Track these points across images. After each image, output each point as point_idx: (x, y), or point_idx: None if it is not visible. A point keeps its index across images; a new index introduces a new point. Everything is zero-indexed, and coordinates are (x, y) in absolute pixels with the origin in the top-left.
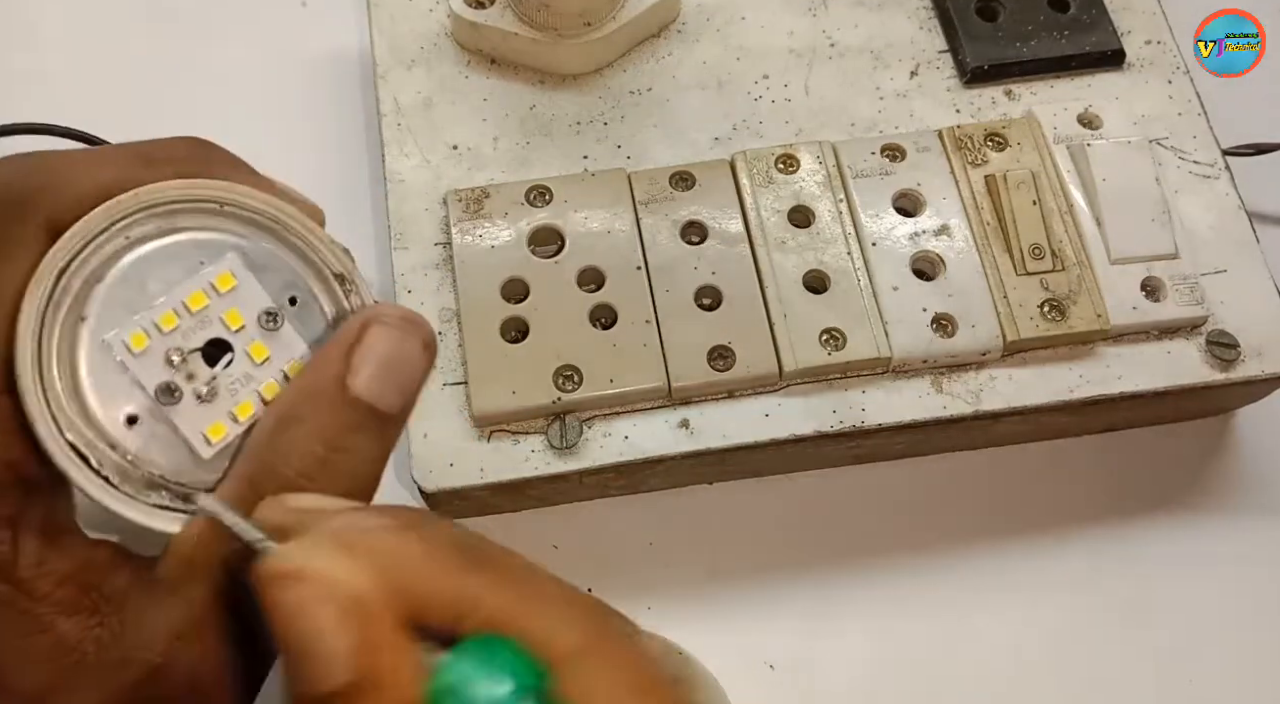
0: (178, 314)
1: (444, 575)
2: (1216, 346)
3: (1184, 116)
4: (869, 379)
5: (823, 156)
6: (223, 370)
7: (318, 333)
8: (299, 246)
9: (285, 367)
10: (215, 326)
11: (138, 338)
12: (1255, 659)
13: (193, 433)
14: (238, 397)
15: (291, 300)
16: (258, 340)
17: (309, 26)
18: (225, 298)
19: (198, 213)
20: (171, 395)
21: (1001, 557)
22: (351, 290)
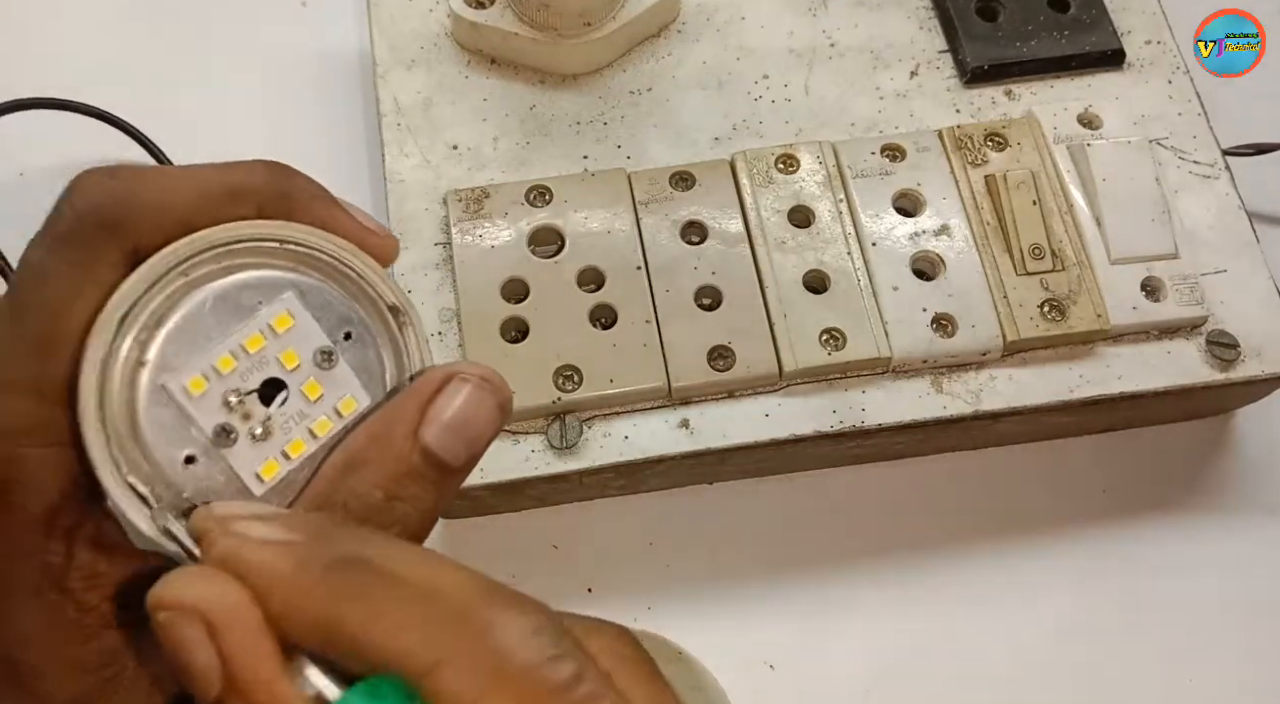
0: (235, 357)
1: (304, 596)
2: (1216, 346)
3: (1184, 116)
4: (869, 379)
5: (823, 156)
6: (277, 410)
7: (373, 368)
8: (354, 280)
9: (338, 403)
10: (271, 367)
11: (196, 382)
12: (1255, 659)
13: (247, 472)
14: (290, 435)
15: (346, 335)
16: (312, 379)
17: (309, 26)
18: (282, 338)
19: (257, 251)
20: (228, 437)
21: (1001, 557)
22: (405, 323)
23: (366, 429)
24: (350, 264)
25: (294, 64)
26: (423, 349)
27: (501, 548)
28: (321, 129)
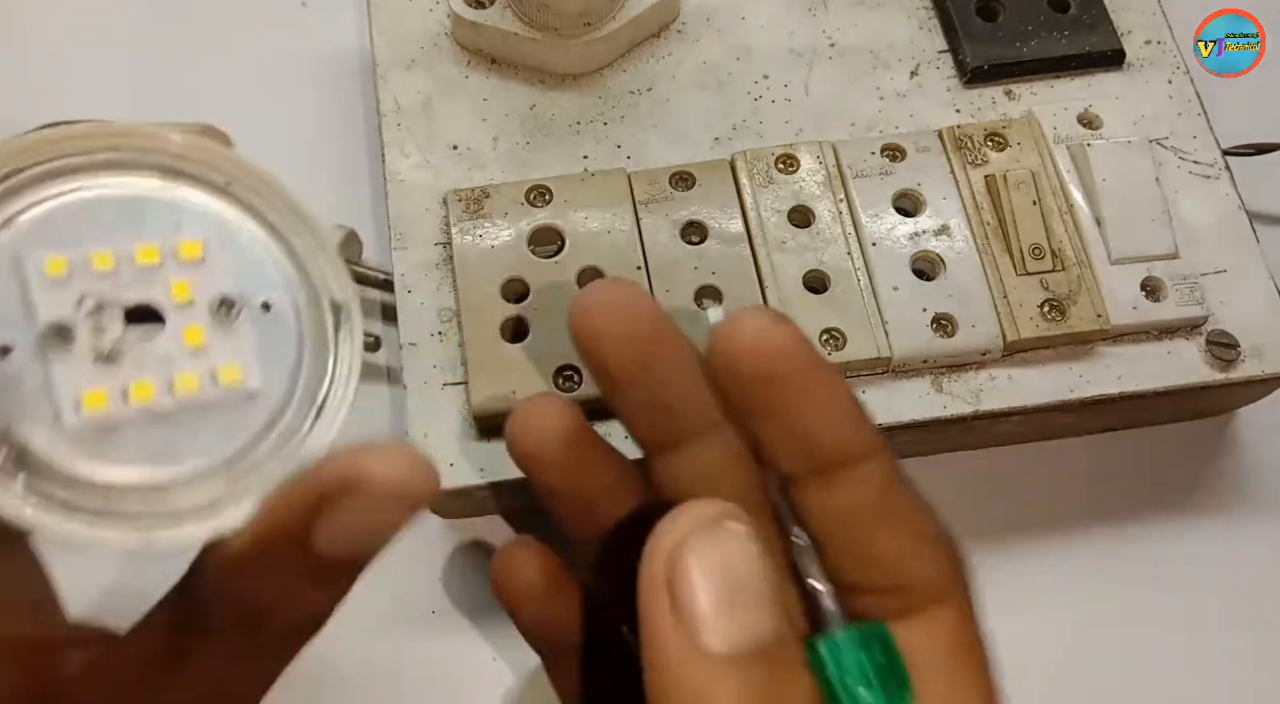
0: (117, 260)
1: None
2: (1216, 346)
3: (1184, 116)
4: (869, 379)
5: (823, 156)
6: (140, 337)
7: (282, 354)
8: (302, 256)
9: (218, 366)
10: (156, 291)
11: (56, 264)
12: (1255, 659)
13: (66, 389)
14: (142, 373)
15: (265, 305)
16: (200, 326)
17: (309, 26)
18: (184, 267)
19: (201, 182)
20: (63, 337)
21: (1001, 556)
22: (343, 325)
23: (251, 532)
24: (305, 240)
25: (294, 64)
26: (353, 362)
27: None
28: (321, 129)
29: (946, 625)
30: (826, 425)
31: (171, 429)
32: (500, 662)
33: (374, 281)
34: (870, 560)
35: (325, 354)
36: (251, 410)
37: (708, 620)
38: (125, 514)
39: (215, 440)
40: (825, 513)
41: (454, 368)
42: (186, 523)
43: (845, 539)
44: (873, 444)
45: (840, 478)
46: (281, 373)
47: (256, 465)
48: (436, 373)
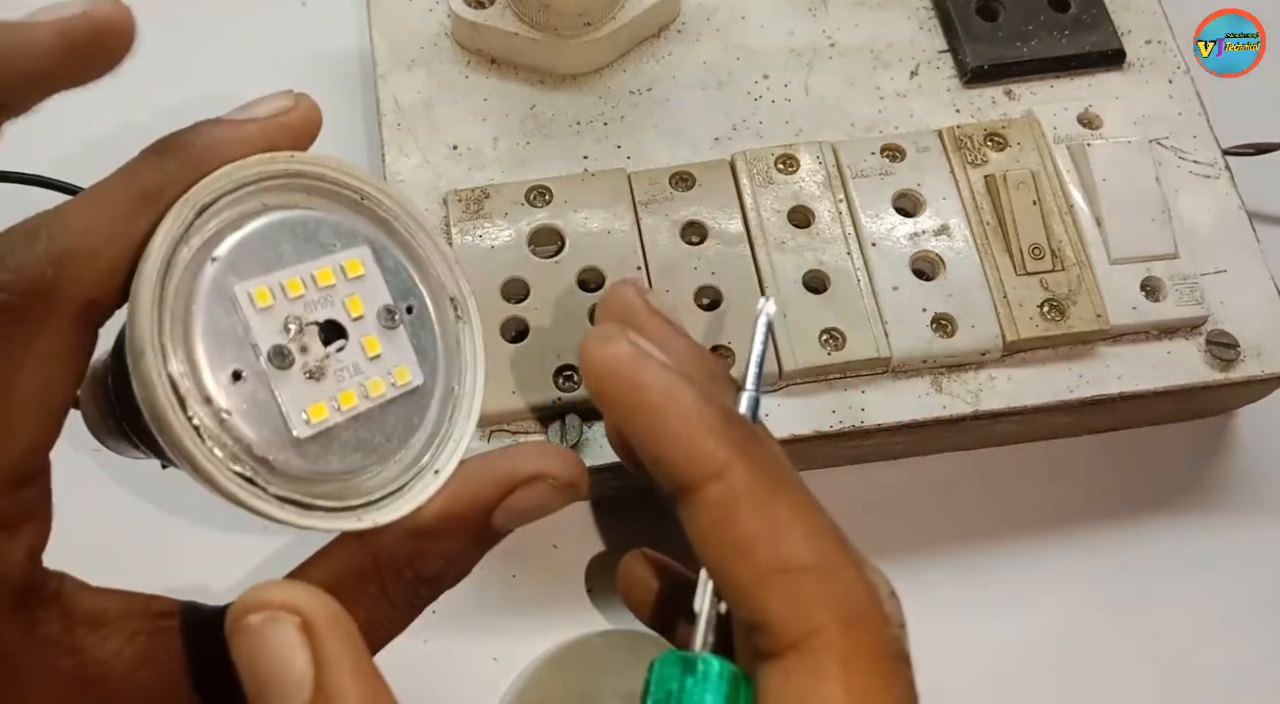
0: (304, 284)
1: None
2: (1216, 346)
3: (1184, 116)
4: (869, 379)
5: (823, 157)
6: (335, 352)
7: (428, 350)
8: (423, 259)
9: (393, 369)
10: (336, 308)
11: (263, 293)
12: (1255, 659)
13: (293, 408)
14: (343, 384)
15: (409, 308)
16: (373, 334)
17: (309, 26)
18: (351, 283)
19: (337, 199)
20: (283, 361)
21: (1001, 557)
22: (462, 318)
23: (444, 505)
24: (423, 243)
25: (294, 64)
26: (477, 348)
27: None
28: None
29: (800, 678)
30: (666, 445)
31: (367, 427)
32: (500, 662)
33: None
34: (730, 594)
35: (455, 345)
36: (415, 403)
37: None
38: (343, 504)
39: (396, 432)
40: (691, 537)
41: None
42: (385, 504)
43: (709, 568)
44: (719, 463)
45: (692, 502)
46: (428, 366)
47: (421, 449)
48: None
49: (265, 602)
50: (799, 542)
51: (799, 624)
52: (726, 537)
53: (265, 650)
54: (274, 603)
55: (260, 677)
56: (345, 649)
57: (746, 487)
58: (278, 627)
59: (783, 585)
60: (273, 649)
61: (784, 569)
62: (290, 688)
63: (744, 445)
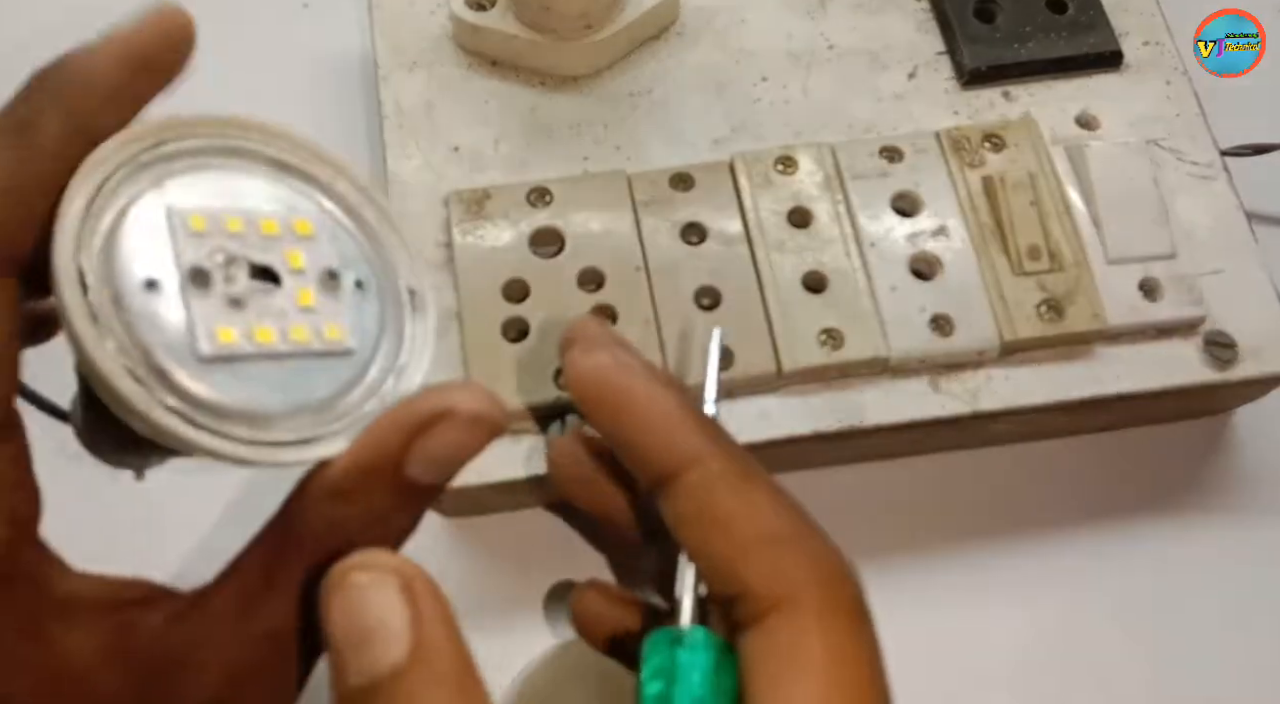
0: (246, 225)
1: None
2: (1214, 346)
3: (1182, 117)
4: (867, 379)
5: (821, 158)
6: (262, 291)
7: (370, 323)
8: (386, 248)
9: (324, 324)
10: (275, 256)
11: (198, 219)
12: (1255, 659)
13: (202, 323)
14: (264, 321)
15: (358, 283)
16: (310, 289)
17: (311, 28)
18: (297, 241)
19: (307, 177)
20: (202, 281)
21: (999, 557)
22: (419, 307)
23: (350, 459)
24: (386, 231)
25: (296, 66)
26: (428, 343)
27: (501, 547)
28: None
29: (782, 635)
30: (650, 438)
31: (283, 369)
32: (497, 664)
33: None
34: (710, 569)
35: (402, 329)
36: (346, 364)
37: (344, 660)
38: (235, 435)
39: (316, 384)
40: (672, 523)
41: (455, 368)
42: (281, 450)
43: (689, 549)
44: (697, 451)
45: (672, 489)
46: (369, 338)
47: (346, 411)
48: (437, 372)
49: (374, 563)
50: (773, 516)
51: (779, 586)
52: (706, 516)
53: (370, 605)
54: (381, 565)
55: (361, 628)
56: (441, 611)
57: (723, 470)
58: (384, 585)
59: (760, 554)
60: (377, 604)
61: (761, 540)
62: (392, 638)
63: (718, 438)
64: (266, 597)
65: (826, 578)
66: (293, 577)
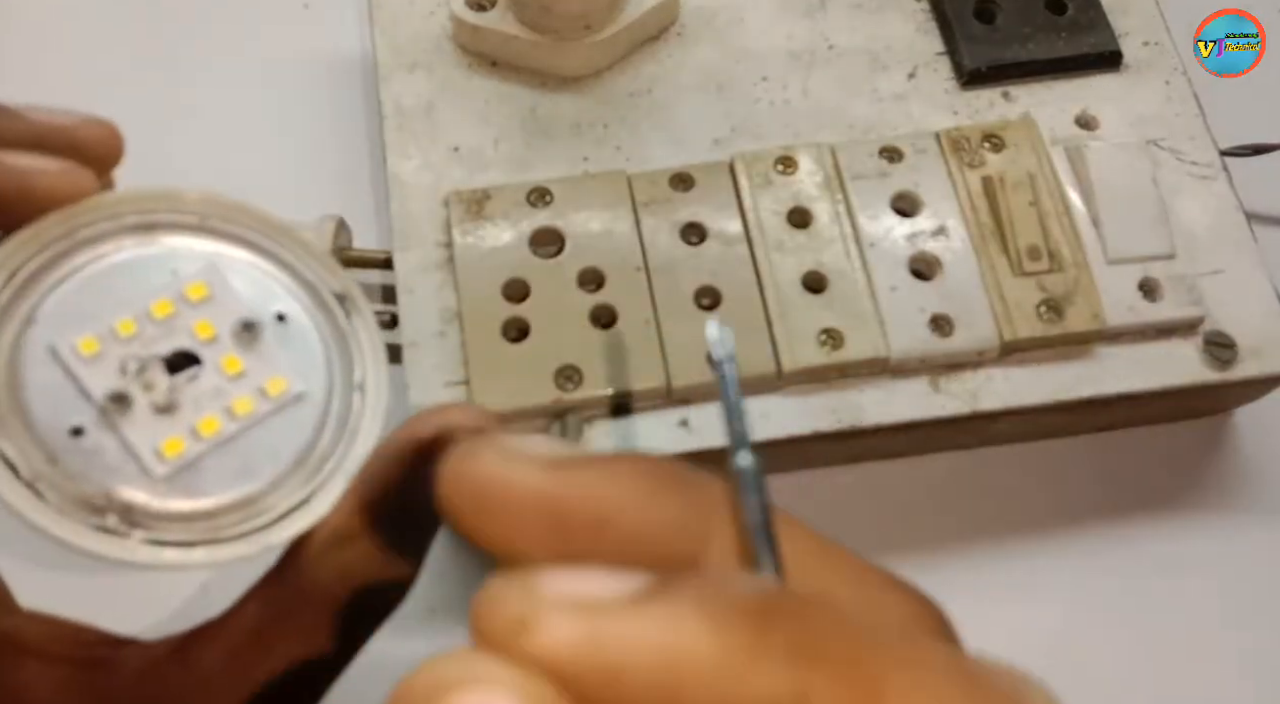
0: (138, 321)
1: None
2: (1214, 346)
3: (1181, 117)
4: (867, 379)
5: (821, 158)
6: (187, 381)
7: (311, 353)
8: (290, 263)
9: (264, 383)
10: (182, 336)
11: (88, 343)
12: (1255, 659)
13: (145, 447)
14: (202, 411)
15: (280, 317)
16: (232, 353)
17: (310, 29)
18: (197, 308)
19: (177, 227)
20: (122, 404)
21: (999, 557)
22: (353, 310)
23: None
24: (288, 247)
25: (295, 66)
26: (374, 340)
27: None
28: (323, 131)
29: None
30: None
31: (244, 448)
32: None
33: (373, 262)
34: None
35: (347, 342)
36: (305, 409)
37: None
38: (234, 533)
39: (284, 445)
40: None
41: (455, 368)
42: (288, 520)
43: None
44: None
45: None
46: (317, 370)
47: (327, 454)
48: (437, 372)
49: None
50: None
51: None
52: None
53: None
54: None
55: None
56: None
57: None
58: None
59: None
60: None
61: None
62: None
63: (810, 656)
64: (259, 659)
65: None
66: (290, 639)
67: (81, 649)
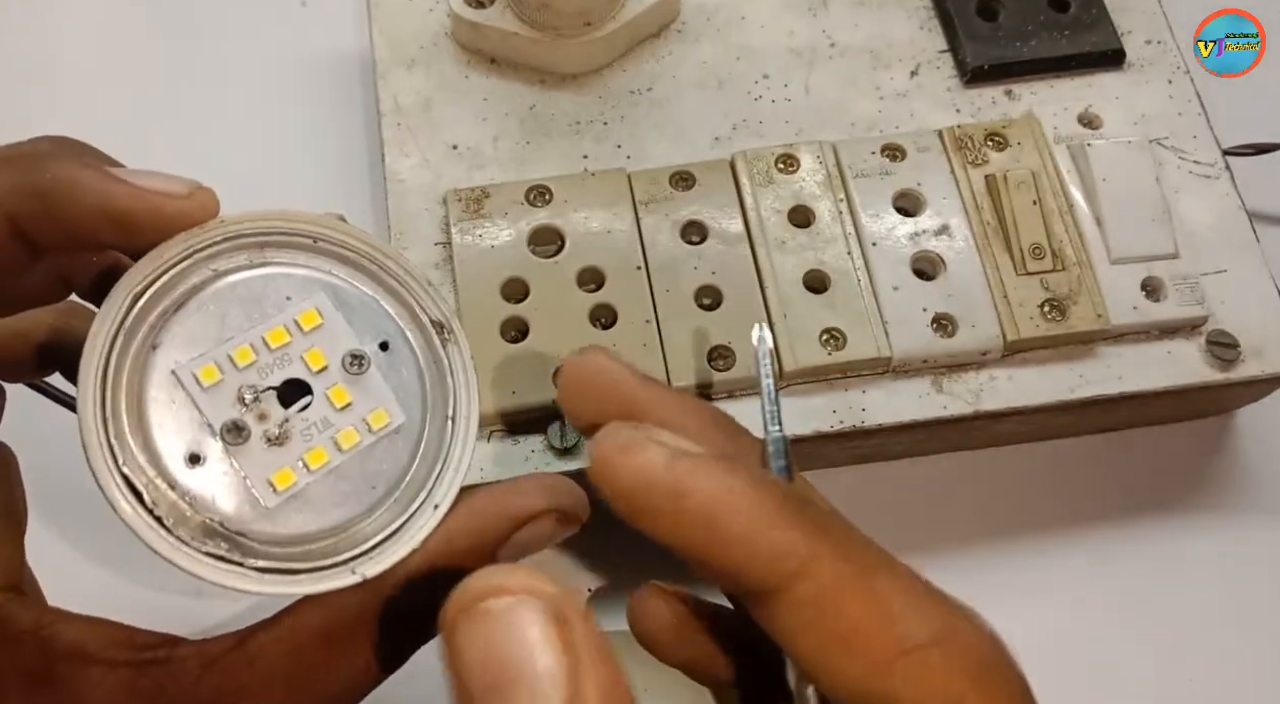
0: (255, 350)
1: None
2: (1216, 346)
3: (1184, 116)
4: (869, 379)
5: (823, 156)
6: (298, 413)
7: (409, 383)
8: (395, 288)
9: (368, 415)
10: (295, 366)
11: (208, 371)
12: (1255, 659)
13: (258, 478)
14: (311, 442)
15: (383, 346)
16: (340, 384)
17: (309, 26)
18: (309, 336)
19: (289, 248)
20: (239, 435)
21: (1001, 557)
22: (450, 339)
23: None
24: (393, 272)
25: (294, 64)
26: (468, 370)
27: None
28: (321, 129)
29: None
30: (733, 553)
31: (347, 478)
32: None
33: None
34: (842, 691)
35: (442, 372)
36: (402, 441)
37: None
38: (330, 562)
39: (380, 474)
40: (783, 641)
41: None
42: (381, 551)
43: (812, 673)
44: (801, 556)
45: (779, 604)
46: (413, 401)
47: (420, 484)
48: None
49: (514, 585)
50: (910, 617)
51: (938, 702)
52: (827, 632)
53: (511, 638)
54: (523, 587)
55: (502, 669)
56: (601, 648)
57: (837, 576)
58: (527, 613)
59: (906, 669)
60: (521, 638)
61: (904, 652)
62: (545, 685)
63: (818, 527)
64: (326, 662)
65: (990, 676)
66: (359, 647)
67: (140, 651)
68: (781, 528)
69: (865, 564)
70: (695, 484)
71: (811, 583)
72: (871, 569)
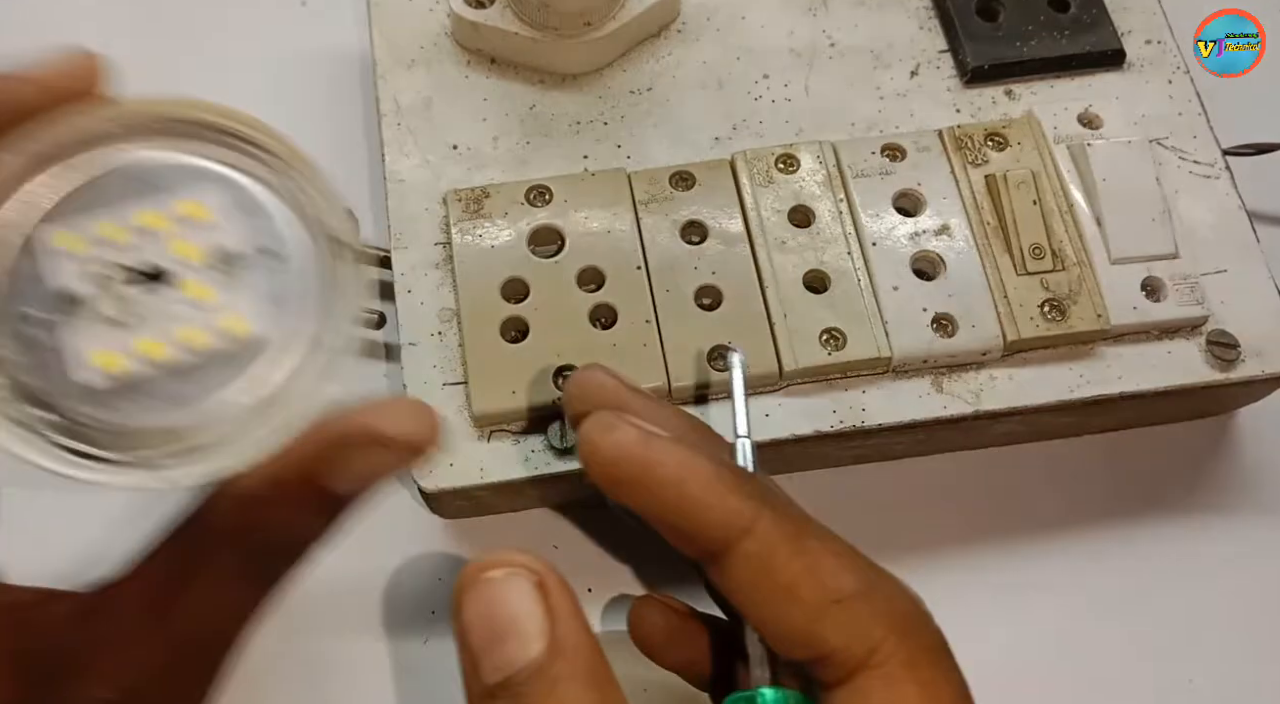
0: (126, 230)
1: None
2: (1217, 346)
3: (1184, 116)
4: (869, 379)
5: (823, 156)
6: (145, 296)
7: (285, 297)
8: (299, 196)
9: (222, 319)
10: (158, 253)
11: (62, 237)
12: (1255, 659)
13: (76, 353)
14: (150, 333)
15: (272, 252)
16: (204, 281)
17: (309, 26)
18: (186, 227)
19: (201, 140)
20: (70, 305)
21: (1001, 557)
22: (345, 259)
23: (267, 473)
24: (298, 178)
25: (293, 64)
26: (358, 292)
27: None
28: (321, 129)
29: (875, 693)
30: (692, 513)
31: (181, 379)
32: None
33: (370, 259)
34: (782, 637)
35: (329, 294)
36: (256, 355)
37: (479, 657)
38: (145, 459)
39: (224, 385)
40: (732, 595)
41: (454, 368)
42: (202, 461)
43: (755, 620)
44: (746, 519)
45: (728, 562)
46: (287, 316)
47: (265, 405)
48: (436, 373)
49: (507, 560)
50: (839, 571)
51: (861, 645)
52: (770, 584)
53: (505, 602)
54: (514, 562)
55: (497, 625)
56: (574, 607)
57: (778, 533)
58: (517, 581)
59: (836, 616)
60: (512, 601)
61: (833, 601)
62: (528, 634)
63: (763, 496)
64: (177, 598)
65: (907, 626)
66: (206, 578)
67: (12, 611)
68: (734, 495)
69: (801, 528)
70: (664, 457)
71: (755, 540)
72: (805, 532)
